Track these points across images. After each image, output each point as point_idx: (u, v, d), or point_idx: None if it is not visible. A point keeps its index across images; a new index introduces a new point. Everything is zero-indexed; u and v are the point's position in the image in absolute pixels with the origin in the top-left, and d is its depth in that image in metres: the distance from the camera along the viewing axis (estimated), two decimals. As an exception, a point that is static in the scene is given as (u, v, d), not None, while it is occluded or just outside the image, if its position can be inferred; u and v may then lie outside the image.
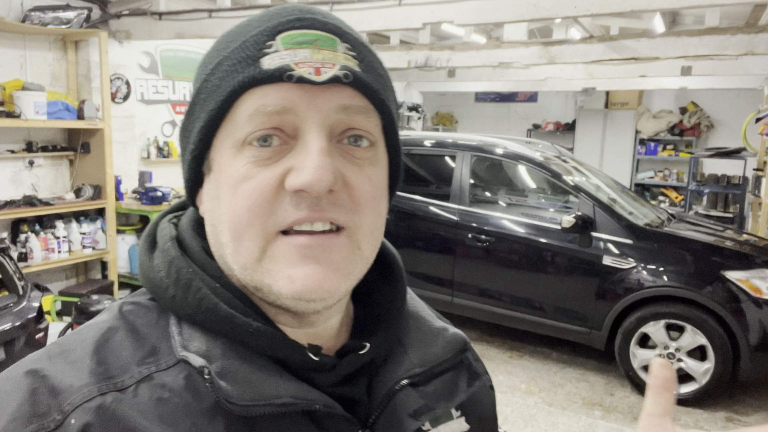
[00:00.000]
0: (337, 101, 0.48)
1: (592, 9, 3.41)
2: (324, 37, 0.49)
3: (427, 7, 3.69)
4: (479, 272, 4.36)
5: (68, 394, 0.45)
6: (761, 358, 3.54)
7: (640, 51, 5.13)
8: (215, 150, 0.51)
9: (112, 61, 5.10)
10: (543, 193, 4.87)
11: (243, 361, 0.49)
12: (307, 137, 0.48)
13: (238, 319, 0.49)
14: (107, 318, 0.52)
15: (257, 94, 0.48)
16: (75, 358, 0.48)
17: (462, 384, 0.60)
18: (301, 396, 0.49)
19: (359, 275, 0.52)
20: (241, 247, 0.49)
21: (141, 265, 0.55)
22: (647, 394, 0.51)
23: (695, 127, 9.49)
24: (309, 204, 0.47)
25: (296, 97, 0.47)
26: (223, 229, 0.50)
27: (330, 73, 0.47)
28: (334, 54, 0.48)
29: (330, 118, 0.48)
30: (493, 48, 5.63)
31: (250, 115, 0.48)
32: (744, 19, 5.88)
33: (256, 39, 0.49)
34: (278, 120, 0.48)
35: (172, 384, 0.47)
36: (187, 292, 0.50)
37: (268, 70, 0.47)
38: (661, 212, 4.65)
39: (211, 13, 4.70)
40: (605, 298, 3.91)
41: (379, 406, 0.54)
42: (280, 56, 0.47)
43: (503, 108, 11.01)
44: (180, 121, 2.49)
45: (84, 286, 4.81)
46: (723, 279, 3.62)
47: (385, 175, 0.54)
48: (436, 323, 0.63)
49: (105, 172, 4.85)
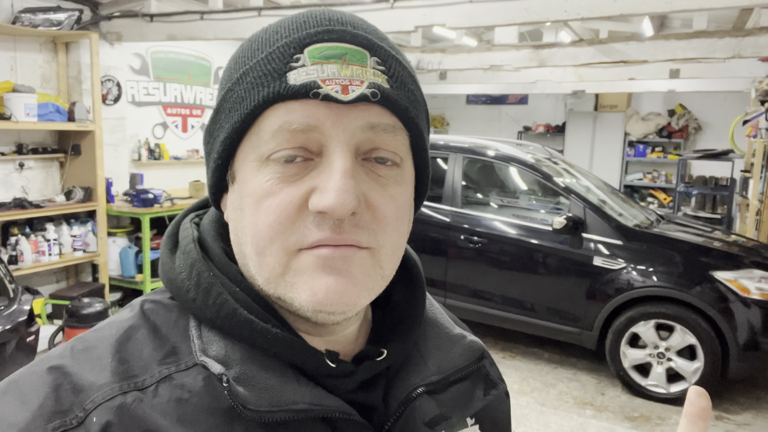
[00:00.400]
0: (364, 120, 0.47)
1: (582, 13, 3.45)
2: (353, 51, 0.48)
3: (419, 10, 3.71)
4: (472, 273, 4.39)
5: (90, 392, 0.46)
6: (750, 357, 3.59)
7: (629, 54, 5.19)
8: (239, 161, 0.51)
9: (103, 62, 5.08)
10: (534, 195, 4.91)
11: (261, 366, 0.49)
12: (332, 156, 0.47)
13: (257, 325, 0.50)
14: (129, 316, 0.53)
15: (282, 109, 0.47)
16: (97, 356, 0.48)
17: (478, 393, 0.60)
18: (318, 402, 0.49)
19: (378, 291, 0.52)
20: (264, 262, 0.49)
21: (163, 265, 0.55)
22: (682, 422, 0.50)
23: (683, 130, 9.59)
24: (331, 225, 0.47)
25: (322, 115, 0.46)
26: (247, 242, 0.50)
27: (358, 92, 0.46)
28: (363, 69, 0.47)
29: (356, 137, 0.48)
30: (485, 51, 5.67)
31: (274, 132, 0.47)
32: (731, 22, 5.96)
33: (282, 51, 0.48)
34: (303, 138, 0.47)
35: (191, 385, 0.47)
36: (207, 296, 0.51)
37: (294, 86, 0.46)
38: (650, 213, 4.70)
39: (203, 15, 4.69)
40: (596, 299, 3.95)
41: (395, 413, 0.54)
42: (306, 71, 0.46)
43: (494, 110, 11.07)
44: (170, 122, 2.47)
45: (75, 289, 4.78)
46: (712, 279, 3.66)
47: (411, 193, 0.54)
48: (454, 330, 0.62)
49: (96, 175, 4.82)
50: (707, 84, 7.24)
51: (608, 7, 3.32)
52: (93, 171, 4.82)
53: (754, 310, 3.56)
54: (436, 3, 3.67)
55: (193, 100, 6.31)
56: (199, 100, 6.40)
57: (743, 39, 4.43)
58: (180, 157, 6.16)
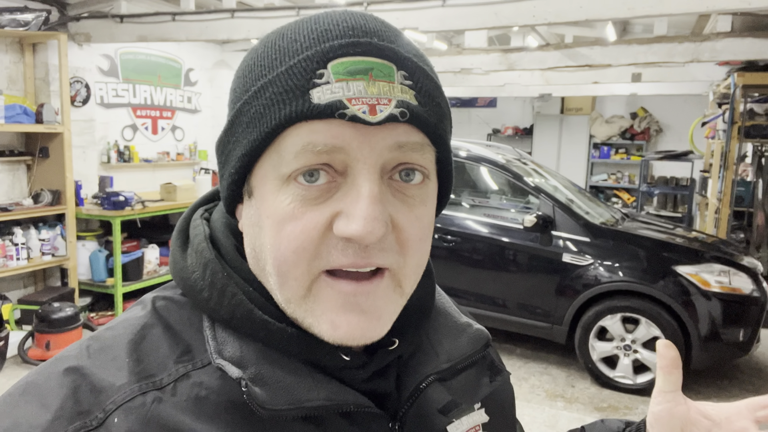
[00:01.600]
0: (392, 139, 0.46)
1: (550, 18, 3.58)
2: (380, 65, 0.45)
3: (392, 13, 3.78)
4: (445, 272, 4.46)
5: (110, 392, 0.46)
6: (711, 348, 3.75)
7: (594, 58, 5.37)
8: (257, 177, 0.49)
9: (71, 64, 5.00)
10: (504, 195, 5.02)
11: (276, 365, 0.49)
12: (359, 179, 0.45)
13: (273, 325, 0.49)
14: (142, 314, 0.52)
15: (305, 129, 0.45)
16: (114, 356, 0.48)
17: (485, 379, 0.62)
18: (335, 398, 0.49)
19: (398, 311, 0.52)
20: (287, 284, 0.48)
21: (174, 263, 0.55)
22: (658, 374, 0.56)
23: (645, 132, 9.91)
24: (356, 251, 0.46)
25: (348, 135, 0.44)
26: (268, 261, 0.49)
27: (386, 112, 0.44)
28: (391, 86, 0.45)
29: (383, 156, 0.46)
30: (455, 54, 5.78)
31: (298, 152, 0.45)
32: (690, 28, 6.21)
33: (305, 66, 0.45)
34: (327, 158, 0.45)
35: (209, 382, 0.48)
36: (222, 296, 0.50)
37: (319, 105, 0.44)
38: (615, 212, 4.86)
39: (175, 16, 4.67)
40: (565, 294, 4.07)
41: (407, 400, 0.55)
42: (331, 89, 0.44)
43: (464, 113, 11.23)
44: (140, 124, 2.51)
45: (44, 293, 4.69)
46: (674, 273, 3.82)
47: (434, 209, 0.53)
48: (461, 319, 0.63)
49: (64, 177, 4.74)
50: (667, 87, 7.51)
51: (574, 12, 3.44)
52: (62, 174, 4.74)
53: (714, 303, 3.72)
54: (408, 7, 3.75)
55: (163, 102, 6.25)
56: (170, 102, 6.34)
57: (701, 44, 4.64)
58: (150, 160, 6.10)
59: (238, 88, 0.50)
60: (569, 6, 3.44)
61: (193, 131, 6.69)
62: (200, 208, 0.60)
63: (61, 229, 4.84)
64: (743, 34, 4.63)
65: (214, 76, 6.80)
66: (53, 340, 4.06)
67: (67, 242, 4.84)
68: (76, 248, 4.90)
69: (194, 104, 6.69)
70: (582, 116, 10.27)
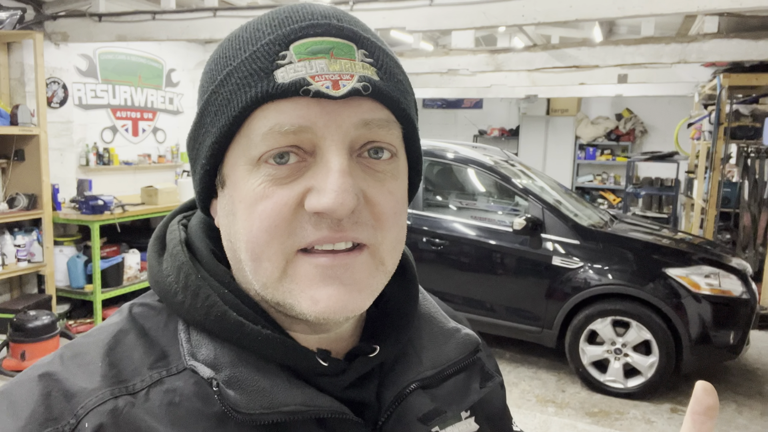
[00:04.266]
0: (357, 117, 0.46)
1: (539, 17, 3.53)
2: (340, 45, 0.46)
3: (379, 12, 3.71)
4: (433, 276, 4.40)
5: (81, 397, 0.45)
6: (701, 350, 3.73)
7: (581, 59, 5.34)
8: (228, 165, 0.49)
9: (48, 64, 4.86)
10: (492, 197, 4.97)
11: (251, 368, 0.48)
12: (327, 156, 0.46)
13: (247, 327, 0.49)
14: (118, 320, 0.52)
15: (272, 110, 0.45)
16: (87, 361, 0.48)
17: (475, 385, 0.60)
18: (310, 403, 0.48)
19: (381, 288, 0.51)
20: (261, 267, 0.48)
21: (150, 268, 0.54)
22: (686, 420, 0.46)
23: (630, 133, 9.95)
24: (329, 225, 0.46)
25: (314, 114, 0.45)
26: (241, 247, 0.48)
27: (349, 86, 0.45)
28: (352, 63, 0.46)
29: (350, 134, 0.46)
30: (442, 55, 5.72)
31: (265, 134, 0.45)
32: (676, 29, 6.22)
33: (267, 49, 0.46)
34: (295, 138, 0.46)
35: (182, 389, 0.47)
36: (195, 298, 0.50)
37: (283, 84, 0.44)
38: (603, 213, 4.83)
39: (155, 15, 4.55)
40: (555, 298, 4.03)
41: (388, 409, 0.53)
42: (294, 68, 0.45)
43: (450, 114, 11.20)
44: (120, 126, 2.38)
45: (19, 301, 4.54)
46: (664, 276, 3.79)
47: (406, 186, 0.53)
48: (448, 324, 0.62)
49: (41, 181, 4.59)
50: (653, 89, 7.54)
51: (564, 12, 3.40)
52: (38, 177, 4.59)
53: (704, 305, 3.70)
54: (396, 6, 3.68)
55: (144, 103, 6.11)
56: (151, 103, 6.20)
57: (688, 45, 4.62)
58: (131, 162, 5.95)
59: (204, 82, 0.51)
60: (559, 5, 3.39)
61: (175, 133, 6.56)
62: (179, 215, 0.59)
63: (37, 235, 4.70)
64: (730, 35, 4.63)
65: (197, 77, 6.67)
66: (29, 349, 3.92)
67: (43, 248, 4.69)
68: (53, 254, 4.76)
69: (176, 105, 6.56)
70: (568, 117, 10.29)
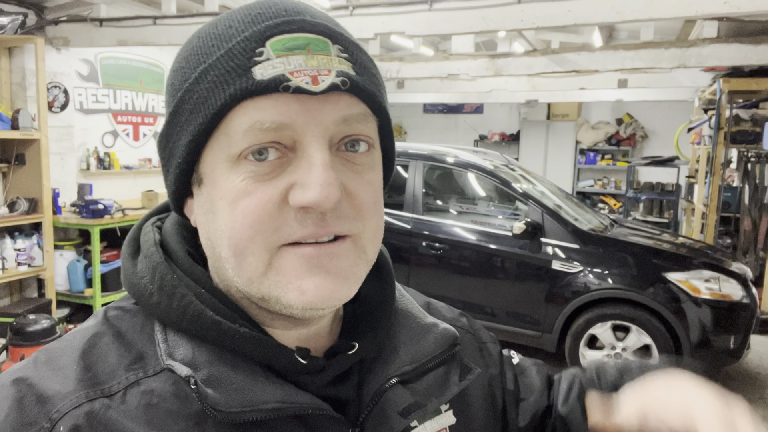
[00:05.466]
0: (337, 113, 0.47)
1: (538, 22, 3.54)
2: (316, 41, 0.47)
3: (378, 17, 3.72)
4: (434, 280, 4.39)
5: (56, 401, 0.45)
6: (701, 355, 3.71)
7: (581, 64, 5.35)
8: (206, 163, 0.49)
9: (49, 68, 4.87)
10: (492, 201, 4.97)
11: (230, 367, 0.48)
12: (309, 150, 0.46)
13: (224, 325, 0.48)
14: (92, 324, 0.52)
15: (251, 107, 0.45)
16: (61, 365, 0.47)
17: (454, 378, 0.60)
18: (289, 400, 0.48)
19: (363, 277, 0.52)
20: (245, 262, 0.48)
21: (125, 270, 0.54)
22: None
23: (631, 138, 9.95)
24: (314, 220, 0.46)
25: (294, 111, 0.45)
26: (222, 244, 0.48)
27: (328, 81, 0.45)
28: (329, 58, 0.46)
29: (330, 130, 0.47)
30: (442, 60, 5.74)
31: (245, 131, 0.45)
32: (675, 34, 6.23)
33: (243, 46, 0.46)
34: (275, 135, 0.46)
35: (160, 390, 0.47)
36: (171, 299, 0.49)
37: (262, 81, 0.44)
38: (603, 218, 4.83)
39: (156, 20, 4.57)
40: (555, 302, 4.02)
41: (368, 405, 0.54)
42: (272, 65, 0.45)
43: (451, 119, 11.21)
44: (121, 130, 2.39)
45: (19, 305, 4.54)
46: (664, 280, 3.78)
47: (381, 176, 0.54)
48: (425, 320, 0.62)
49: (41, 185, 4.60)
50: (653, 93, 7.54)
51: (562, 16, 3.41)
52: (38, 181, 4.60)
53: (704, 310, 3.69)
54: (395, 11, 3.69)
55: (144, 108, 6.13)
56: (152, 108, 6.22)
57: (688, 49, 4.63)
58: (131, 167, 5.97)
59: (176, 80, 0.50)
60: (557, 10, 3.40)
61: (176, 137, 6.57)
62: (153, 217, 0.59)
63: (37, 239, 4.70)
64: (729, 40, 4.64)
65: (198, 82, 6.69)
66: (28, 353, 3.92)
67: (44, 252, 4.69)
68: (53, 258, 4.76)
69: (177, 110, 6.57)
70: (568, 122, 10.30)
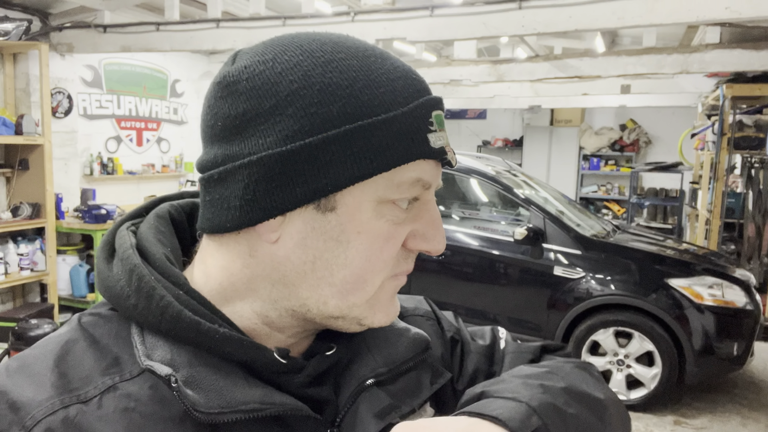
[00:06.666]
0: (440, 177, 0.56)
1: (539, 28, 3.53)
2: (442, 119, 0.53)
3: (380, 23, 3.73)
4: (435, 286, 4.38)
5: (30, 408, 0.44)
6: (705, 362, 3.69)
7: (583, 69, 5.35)
8: (349, 195, 0.50)
9: (53, 74, 4.91)
10: (494, 207, 4.96)
11: (209, 368, 0.48)
12: (429, 205, 0.54)
13: (203, 325, 0.49)
14: (66, 330, 0.52)
15: (419, 166, 0.51)
16: (35, 372, 0.47)
17: (426, 381, 0.62)
18: (269, 401, 0.49)
19: None
20: (362, 290, 0.52)
21: (99, 274, 0.54)
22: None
23: (634, 143, 9.93)
24: (414, 258, 0.55)
25: (437, 174, 0.53)
26: (341, 273, 0.51)
27: (455, 160, 0.54)
28: (444, 134, 0.53)
29: None
30: (445, 65, 5.74)
31: (411, 184, 0.51)
32: (678, 40, 6.22)
33: (422, 113, 0.51)
34: (422, 191, 0.53)
35: (137, 394, 0.46)
36: (150, 300, 0.49)
37: (434, 149, 0.51)
38: (606, 224, 4.81)
39: (159, 26, 4.60)
40: (557, 308, 4.00)
41: (345, 405, 0.55)
42: (439, 137, 0.52)
43: (454, 125, 11.22)
44: (124, 136, 2.41)
45: (21, 310, 4.55)
46: (667, 287, 3.76)
47: None
48: (398, 324, 0.64)
49: (45, 190, 4.63)
50: (656, 99, 7.53)
51: (563, 22, 3.40)
52: (42, 186, 4.63)
53: (707, 316, 3.67)
54: (397, 17, 3.70)
55: (148, 113, 6.16)
56: (155, 113, 6.25)
57: (690, 55, 4.62)
58: (135, 172, 5.99)
59: (333, 110, 0.48)
60: (558, 16, 3.40)
61: (179, 143, 6.60)
62: (127, 222, 0.59)
63: (40, 243, 4.72)
64: (732, 45, 4.63)
65: (201, 87, 6.71)
66: (30, 358, 3.93)
67: (46, 256, 4.71)
68: (56, 263, 4.78)
69: (180, 116, 6.60)
70: (571, 128, 10.29)
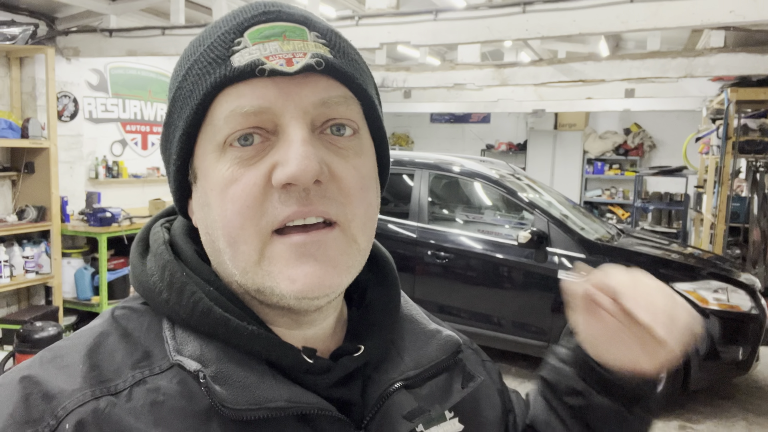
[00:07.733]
0: (315, 95, 0.48)
1: (543, 31, 3.54)
2: (292, 28, 0.48)
3: (384, 27, 3.74)
4: (439, 289, 4.38)
5: (62, 398, 0.45)
6: (710, 367, 3.67)
7: (587, 73, 5.35)
8: (198, 158, 0.51)
9: (59, 78, 4.94)
10: (498, 210, 4.96)
11: (237, 365, 0.48)
12: (288, 130, 0.47)
13: (233, 322, 0.49)
14: (99, 323, 0.52)
15: (232, 94, 0.47)
16: (67, 363, 0.48)
17: (456, 385, 0.60)
18: (296, 399, 0.48)
19: (359, 267, 0.52)
20: (239, 251, 0.48)
21: (133, 269, 0.55)
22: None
23: (639, 147, 9.91)
24: (297, 198, 0.47)
25: (272, 95, 0.47)
26: (218, 235, 0.49)
27: (302, 62, 0.46)
28: (305, 43, 0.48)
29: (309, 112, 0.48)
30: (448, 69, 5.75)
31: (227, 117, 0.47)
32: (682, 43, 6.22)
33: (223, 38, 0.48)
34: (256, 119, 0.47)
35: (166, 388, 0.47)
36: (181, 295, 0.50)
37: (239, 67, 0.46)
38: (610, 227, 4.80)
39: (165, 30, 4.62)
40: (561, 312, 3.98)
41: (373, 407, 0.54)
42: (249, 52, 0.47)
43: (458, 129, 11.22)
44: (130, 139, 2.41)
45: (26, 312, 4.57)
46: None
47: (373, 164, 0.54)
48: (429, 326, 0.63)
49: (50, 193, 4.65)
50: (661, 103, 7.51)
51: (567, 26, 3.41)
52: (47, 189, 4.65)
53: (712, 321, 3.65)
54: (401, 21, 3.71)
55: (153, 117, 6.19)
56: (160, 117, 6.27)
57: (694, 59, 4.62)
58: (140, 175, 6.01)
59: (171, 82, 0.52)
60: (562, 20, 3.40)
61: (184, 146, 6.62)
62: (162, 218, 0.60)
63: (45, 246, 4.74)
64: (736, 49, 4.62)
65: (206, 92, 6.74)
66: (34, 360, 3.94)
67: (51, 259, 4.73)
68: (61, 266, 4.79)
69: (185, 119, 6.63)
70: (575, 132, 10.28)
